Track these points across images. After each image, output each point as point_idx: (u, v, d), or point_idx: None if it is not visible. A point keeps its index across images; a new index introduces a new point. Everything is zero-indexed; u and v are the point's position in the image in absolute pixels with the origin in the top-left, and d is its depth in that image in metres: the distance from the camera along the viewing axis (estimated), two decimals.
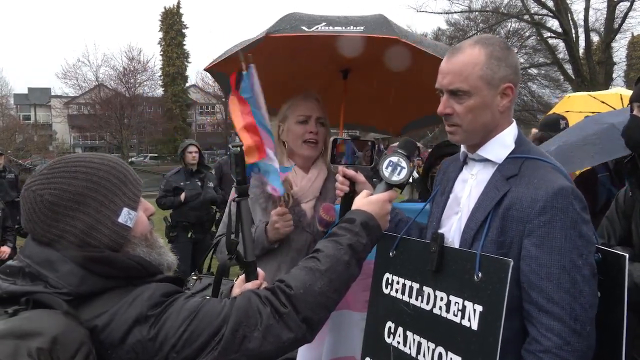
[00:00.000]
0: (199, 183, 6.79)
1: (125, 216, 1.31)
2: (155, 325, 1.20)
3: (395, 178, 1.68)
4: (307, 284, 1.36)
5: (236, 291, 1.60)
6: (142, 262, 1.31)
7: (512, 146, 1.67)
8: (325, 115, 2.51)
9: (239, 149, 1.62)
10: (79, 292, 1.21)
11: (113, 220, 1.29)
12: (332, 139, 2.01)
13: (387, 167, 1.69)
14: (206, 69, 2.69)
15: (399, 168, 1.69)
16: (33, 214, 1.26)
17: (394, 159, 1.70)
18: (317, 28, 2.28)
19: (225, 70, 2.75)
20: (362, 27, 2.28)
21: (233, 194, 1.82)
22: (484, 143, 1.69)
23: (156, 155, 48.28)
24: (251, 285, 1.57)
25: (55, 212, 1.25)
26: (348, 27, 2.28)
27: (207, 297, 1.34)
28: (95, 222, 1.27)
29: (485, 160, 1.70)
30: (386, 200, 1.64)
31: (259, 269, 1.62)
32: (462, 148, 1.80)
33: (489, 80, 1.61)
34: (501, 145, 1.67)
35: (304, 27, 2.31)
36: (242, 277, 1.62)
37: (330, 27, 2.28)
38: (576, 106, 6.10)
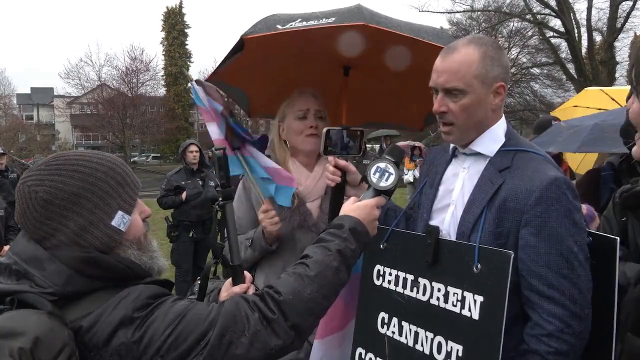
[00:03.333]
0: (200, 182, 6.80)
1: (119, 219, 1.30)
2: (140, 328, 1.18)
3: (383, 184, 1.67)
4: (297, 290, 1.33)
5: (223, 295, 1.58)
6: (130, 265, 1.29)
7: (503, 139, 1.72)
8: (323, 109, 2.50)
9: (221, 152, 1.61)
10: (65, 292, 1.19)
11: (106, 223, 1.28)
12: (324, 129, 2.01)
13: (374, 173, 1.68)
14: (208, 80, 2.72)
15: (386, 174, 1.68)
16: (26, 209, 1.25)
17: (382, 165, 1.69)
18: (292, 25, 2.28)
19: (227, 80, 2.76)
20: (334, 18, 2.28)
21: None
22: (476, 138, 1.73)
23: (158, 154, 48.33)
24: (238, 289, 1.55)
25: (48, 210, 1.23)
26: (321, 20, 2.28)
27: (194, 301, 1.31)
28: (87, 224, 1.26)
29: (477, 154, 1.74)
30: (374, 206, 1.62)
31: (245, 272, 1.61)
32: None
33: (483, 79, 1.65)
34: (493, 139, 1.72)
35: (278, 26, 2.30)
36: (229, 280, 1.60)
37: (304, 23, 2.28)
38: (584, 101, 6.09)
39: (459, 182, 1.77)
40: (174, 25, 48.19)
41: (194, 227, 6.71)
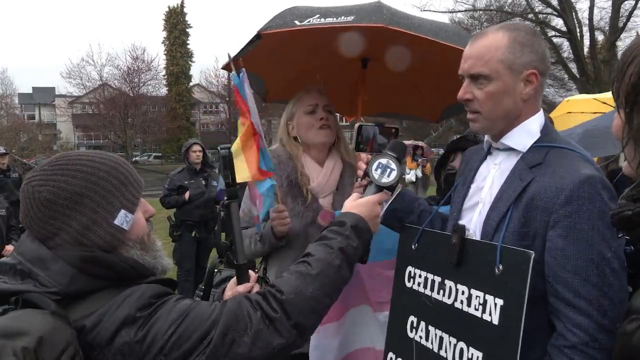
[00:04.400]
0: (203, 182, 6.82)
1: (121, 218, 1.30)
2: (143, 327, 1.18)
3: (385, 180, 1.65)
4: (299, 288, 1.33)
5: (228, 294, 1.58)
6: (133, 264, 1.29)
7: (538, 135, 1.60)
8: (330, 104, 2.50)
9: (227, 150, 1.60)
10: (69, 291, 1.20)
11: (109, 222, 1.28)
12: (357, 125, 1.97)
13: (376, 169, 1.66)
14: (224, 67, 2.70)
15: (388, 170, 1.66)
16: (30, 209, 1.26)
17: (384, 160, 1.67)
18: (310, 21, 2.26)
19: (243, 66, 2.76)
20: (353, 17, 2.25)
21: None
22: (508, 131, 1.63)
23: (160, 154, 48.39)
24: (242, 288, 1.54)
25: (52, 209, 1.24)
26: (339, 18, 2.26)
27: (197, 300, 1.31)
28: (91, 223, 1.26)
29: (510, 150, 1.64)
30: (376, 202, 1.61)
31: (250, 272, 1.60)
32: (486, 137, 1.74)
33: (510, 65, 1.55)
34: (526, 133, 1.60)
35: (296, 22, 2.29)
36: (234, 279, 1.60)
37: (322, 19, 2.26)
38: (577, 107, 6.11)
39: (489, 179, 1.67)
40: (176, 25, 48.28)
41: (197, 227, 6.72)
